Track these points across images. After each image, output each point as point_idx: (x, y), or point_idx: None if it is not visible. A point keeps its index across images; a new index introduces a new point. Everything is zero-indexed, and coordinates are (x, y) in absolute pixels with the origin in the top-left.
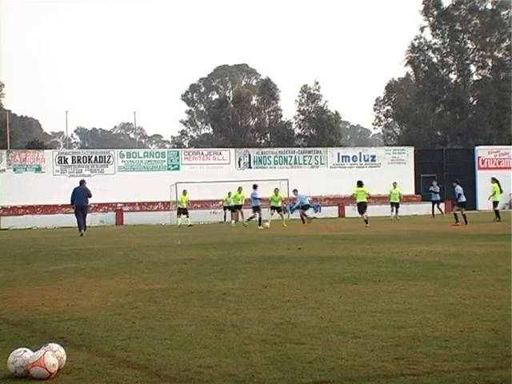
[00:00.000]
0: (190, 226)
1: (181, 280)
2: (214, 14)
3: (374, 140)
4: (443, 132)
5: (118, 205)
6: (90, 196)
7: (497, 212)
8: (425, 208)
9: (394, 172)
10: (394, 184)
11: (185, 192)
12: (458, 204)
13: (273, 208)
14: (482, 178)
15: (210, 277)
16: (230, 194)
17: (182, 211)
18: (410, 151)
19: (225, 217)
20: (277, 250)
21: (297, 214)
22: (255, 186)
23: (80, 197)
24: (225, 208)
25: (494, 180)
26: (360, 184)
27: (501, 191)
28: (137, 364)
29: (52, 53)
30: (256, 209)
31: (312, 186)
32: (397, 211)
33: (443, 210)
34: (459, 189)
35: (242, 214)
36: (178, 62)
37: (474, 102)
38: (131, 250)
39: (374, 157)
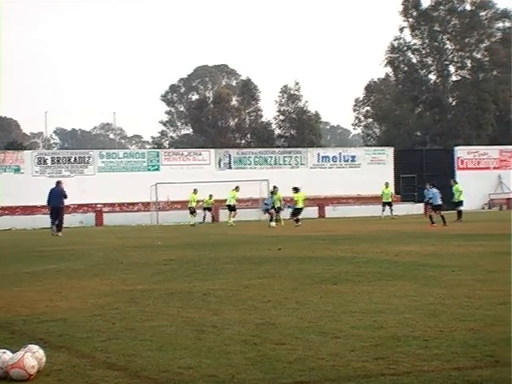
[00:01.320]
0: (193, 225)
1: (161, 281)
2: (194, 15)
3: (354, 140)
4: (423, 132)
5: (98, 205)
6: (65, 197)
7: (460, 212)
8: (404, 208)
9: (373, 172)
10: (386, 184)
11: (195, 191)
12: (433, 207)
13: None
14: (462, 179)
15: (191, 277)
16: (211, 196)
17: (193, 210)
18: (389, 151)
19: (204, 217)
20: (257, 251)
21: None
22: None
23: (55, 198)
24: (204, 209)
25: (455, 182)
26: (296, 190)
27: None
28: (117, 365)
29: (31, 53)
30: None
31: (292, 186)
32: (391, 210)
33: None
34: (431, 192)
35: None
36: (158, 63)
37: (454, 103)
38: (111, 251)
39: (353, 157)
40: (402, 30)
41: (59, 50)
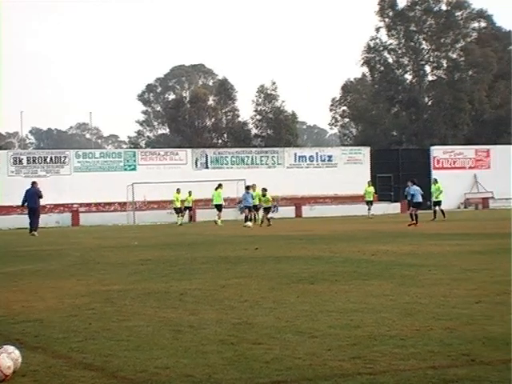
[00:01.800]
0: (180, 224)
1: (138, 281)
2: (170, 14)
3: (331, 140)
4: (399, 132)
5: (74, 205)
6: (40, 197)
7: (435, 212)
8: (381, 208)
9: (350, 172)
10: (369, 182)
11: (178, 190)
12: (413, 204)
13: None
14: (438, 178)
15: (167, 277)
16: (190, 192)
17: (188, 209)
18: (366, 151)
19: (182, 216)
20: (234, 251)
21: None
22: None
23: (31, 198)
24: (185, 208)
25: (436, 181)
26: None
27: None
28: (93, 365)
29: (6, 53)
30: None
31: (269, 186)
32: (369, 209)
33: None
34: (413, 189)
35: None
36: (134, 62)
37: (429, 103)
38: (87, 251)
39: (330, 157)
40: (378, 30)
41: (35, 49)
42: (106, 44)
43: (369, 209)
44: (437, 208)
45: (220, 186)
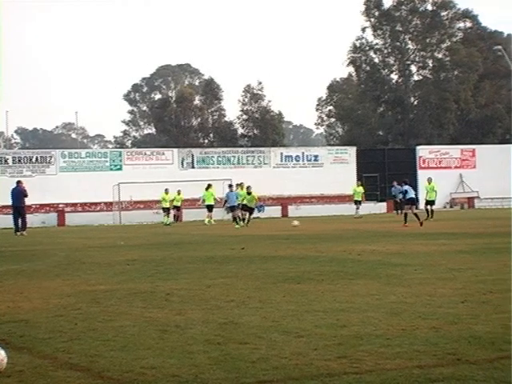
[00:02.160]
0: (168, 224)
1: (124, 281)
2: (157, 14)
3: (317, 140)
4: (385, 132)
5: (60, 205)
6: (25, 196)
7: (428, 211)
8: (367, 207)
9: (336, 172)
10: (358, 182)
11: (167, 191)
12: (406, 201)
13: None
14: (424, 178)
15: (154, 277)
16: (179, 191)
17: (176, 208)
18: (352, 151)
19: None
20: (220, 250)
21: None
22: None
23: (16, 198)
24: (173, 208)
25: (430, 180)
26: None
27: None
28: (79, 366)
29: None
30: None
31: (255, 185)
32: (357, 208)
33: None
34: (405, 188)
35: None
36: (121, 62)
37: (415, 102)
38: (73, 251)
39: (316, 156)
40: (364, 29)
41: (20, 48)
42: (91, 44)
43: (357, 208)
44: (428, 207)
45: (210, 186)
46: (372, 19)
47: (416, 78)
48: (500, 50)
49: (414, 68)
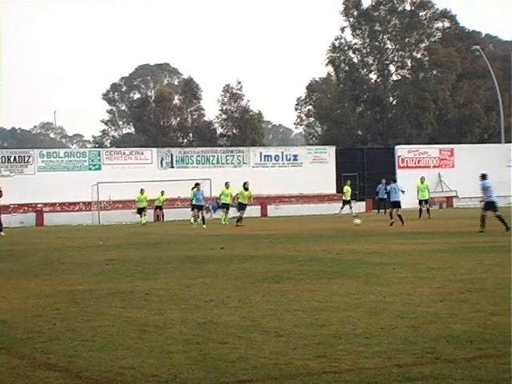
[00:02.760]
0: (144, 224)
1: (102, 281)
2: (135, 13)
3: (296, 139)
4: (364, 131)
5: (39, 205)
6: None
7: (421, 211)
8: (346, 207)
9: (315, 171)
10: (348, 182)
11: (163, 192)
12: (391, 203)
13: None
14: (402, 177)
15: (133, 277)
16: (163, 192)
17: (159, 208)
18: (331, 150)
19: (158, 216)
20: (200, 250)
21: (220, 214)
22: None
23: None
24: (156, 208)
25: (423, 179)
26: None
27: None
28: (58, 366)
29: None
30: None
31: (234, 185)
32: (350, 207)
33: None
34: (390, 187)
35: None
36: (99, 62)
37: (394, 102)
38: (52, 251)
39: (295, 156)
40: (342, 29)
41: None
42: (70, 42)
43: (350, 207)
44: (422, 206)
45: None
46: (351, 19)
47: (395, 77)
48: (478, 49)
49: (392, 68)
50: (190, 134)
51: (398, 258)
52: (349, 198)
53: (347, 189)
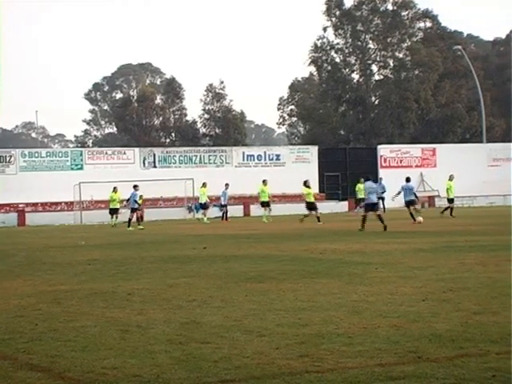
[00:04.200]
0: (114, 225)
1: (85, 281)
2: (117, 13)
3: (279, 139)
4: (346, 131)
5: (20, 205)
6: None
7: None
8: (329, 206)
9: (298, 171)
10: (360, 180)
11: (115, 189)
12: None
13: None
14: (385, 177)
15: (115, 277)
16: (141, 196)
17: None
18: (313, 150)
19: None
20: (182, 250)
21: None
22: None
23: None
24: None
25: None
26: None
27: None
28: (40, 366)
29: None
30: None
31: (217, 185)
32: (360, 207)
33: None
34: (380, 186)
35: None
36: (81, 61)
37: (376, 102)
38: (34, 251)
39: (278, 156)
40: (325, 29)
41: None
42: (52, 42)
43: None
44: (449, 204)
45: (204, 184)
46: (333, 19)
47: (377, 77)
48: (459, 49)
49: (374, 67)
50: (173, 134)
51: (380, 257)
52: (363, 196)
53: (360, 186)
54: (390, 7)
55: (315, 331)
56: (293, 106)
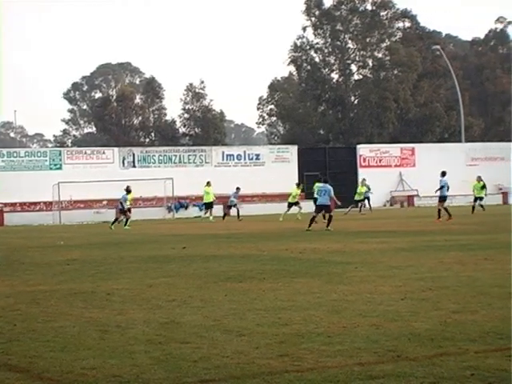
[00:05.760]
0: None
1: (64, 281)
2: (96, 12)
3: (258, 139)
4: (326, 130)
5: None
6: None
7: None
8: (309, 206)
9: (278, 170)
10: (362, 181)
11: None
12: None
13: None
14: (364, 176)
15: (94, 277)
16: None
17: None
18: (293, 150)
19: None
20: (162, 250)
21: (182, 213)
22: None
23: None
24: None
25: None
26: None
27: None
28: (18, 367)
29: None
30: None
31: (197, 184)
32: (364, 206)
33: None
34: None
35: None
36: (60, 60)
37: (356, 101)
38: (12, 252)
39: (258, 155)
40: (304, 29)
41: None
42: (30, 41)
43: (364, 206)
44: (476, 203)
45: (208, 183)
46: (312, 18)
47: (356, 77)
48: (438, 49)
49: (354, 67)
50: (152, 134)
51: (359, 256)
52: (364, 197)
53: (361, 189)
54: (369, 7)
55: (295, 330)
56: (272, 106)
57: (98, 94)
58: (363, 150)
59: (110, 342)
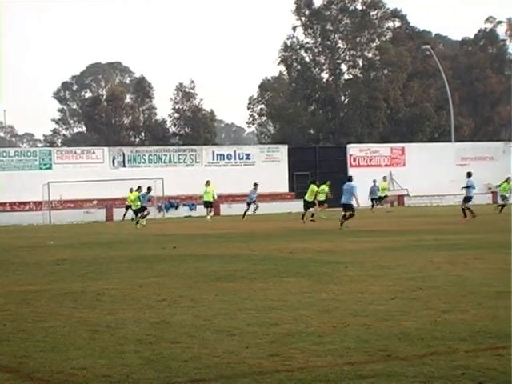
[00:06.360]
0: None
1: (54, 281)
2: (86, 12)
3: (249, 138)
4: (316, 130)
5: None
6: None
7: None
8: (299, 205)
9: (268, 170)
10: (384, 178)
11: (131, 190)
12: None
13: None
14: (354, 176)
15: (84, 277)
16: (131, 189)
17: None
18: (283, 149)
19: (124, 215)
20: (152, 250)
21: (172, 213)
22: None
23: None
24: (127, 207)
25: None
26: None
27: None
28: (8, 367)
29: None
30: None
31: (187, 184)
32: (380, 203)
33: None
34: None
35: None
36: (50, 60)
37: (346, 101)
38: (2, 252)
39: (248, 155)
40: (294, 28)
41: None
42: (20, 40)
43: (380, 204)
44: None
45: (208, 182)
46: (303, 18)
47: (346, 76)
48: (428, 49)
49: (344, 67)
50: (142, 133)
51: (350, 256)
52: (384, 194)
53: (383, 185)
54: (359, 7)
55: (285, 330)
56: (263, 106)
57: (88, 94)
58: (353, 149)
59: (100, 342)
